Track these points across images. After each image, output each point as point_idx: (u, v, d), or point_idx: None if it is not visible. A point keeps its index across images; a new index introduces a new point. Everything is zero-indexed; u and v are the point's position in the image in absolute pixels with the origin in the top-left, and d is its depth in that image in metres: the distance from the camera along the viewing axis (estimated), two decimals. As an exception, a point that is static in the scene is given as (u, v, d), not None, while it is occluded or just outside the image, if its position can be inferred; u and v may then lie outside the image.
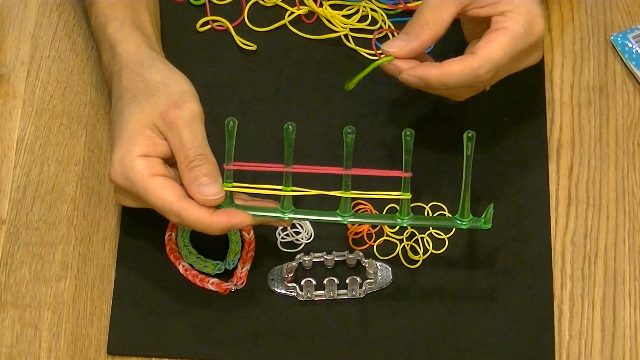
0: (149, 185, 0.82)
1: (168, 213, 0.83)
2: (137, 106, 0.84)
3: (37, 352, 0.90)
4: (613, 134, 0.98)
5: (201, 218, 0.82)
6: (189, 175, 0.83)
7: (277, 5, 1.02)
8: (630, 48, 1.00)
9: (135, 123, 0.84)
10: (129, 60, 0.88)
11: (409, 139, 0.83)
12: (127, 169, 0.83)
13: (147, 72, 0.87)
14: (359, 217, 0.87)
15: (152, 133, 0.84)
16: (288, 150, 0.84)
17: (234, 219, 0.83)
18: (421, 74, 0.85)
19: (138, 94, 0.85)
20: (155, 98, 0.85)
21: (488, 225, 0.85)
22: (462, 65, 0.84)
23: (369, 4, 1.02)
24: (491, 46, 0.84)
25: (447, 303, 0.91)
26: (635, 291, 0.92)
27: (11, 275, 0.93)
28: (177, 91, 0.86)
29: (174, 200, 0.82)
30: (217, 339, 0.90)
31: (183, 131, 0.84)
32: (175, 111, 0.84)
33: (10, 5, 1.02)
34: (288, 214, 0.85)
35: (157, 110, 0.84)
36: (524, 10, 0.85)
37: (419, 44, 0.86)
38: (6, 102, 0.99)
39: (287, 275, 0.91)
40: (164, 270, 0.92)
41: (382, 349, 0.90)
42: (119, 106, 0.86)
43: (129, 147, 0.83)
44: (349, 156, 0.84)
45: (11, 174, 0.96)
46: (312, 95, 0.99)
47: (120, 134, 0.84)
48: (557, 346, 0.90)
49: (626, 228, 0.94)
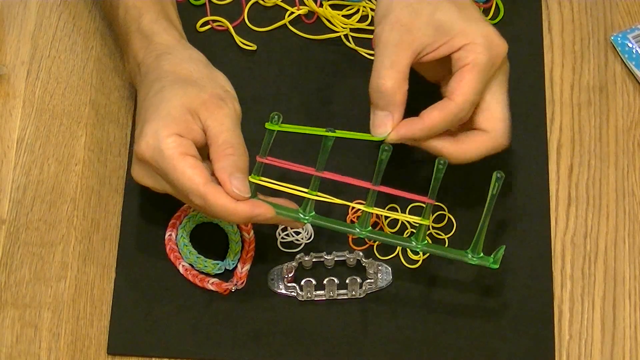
0: (179, 163, 0.81)
1: (193, 194, 0.81)
2: (180, 88, 0.84)
3: (37, 352, 0.91)
4: (613, 134, 0.98)
5: (226, 204, 0.81)
6: (224, 161, 0.82)
7: (277, 5, 1.02)
8: (630, 48, 1.00)
9: (176, 103, 0.83)
10: (171, 47, 0.88)
11: (442, 168, 0.83)
12: (161, 143, 0.81)
13: (193, 63, 0.87)
14: (376, 234, 0.87)
15: (191, 117, 0.83)
16: (322, 156, 0.84)
17: (258, 209, 0.82)
18: (405, 132, 0.84)
19: (182, 79, 0.85)
20: (200, 87, 0.84)
21: (496, 266, 0.85)
22: (443, 113, 0.84)
23: (369, 4, 1.02)
24: (463, 86, 0.83)
25: (447, 303, 0.91)
26: (635, 291, 0.92)
27: (11, 275, 0.93)
28: (221, 87, 0.86)
29: (201, 182, 0.81)
30: (217, 339, 0.90)
31: (225, 119, 0.83)
32: (219, 102, 0.84)
33: (10, 5, 1.03)
34: (308, 218, 0.85)
35: (201, 98, 0.84)
36: (480, 37, 0.84)
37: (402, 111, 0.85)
38: (6, 102, 0.99)
39: (287, 275, 0.91)
40: (164, 270, 0.92)
41: (382, 349, 0.90)
42: (157, 85, 0.85)
43: (166, 123, 0.82)
44: (380, 172, 0.84)
45: (11, 174, 0.96)
46: (312, 95, 0.99)
47: (157, 110, 0.83)
48: (557, 346, 0.90)
49: (626, 228, 0.95)
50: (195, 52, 0.89)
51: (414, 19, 0.84)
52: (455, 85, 0.84)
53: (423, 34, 0.84)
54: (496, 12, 1.02)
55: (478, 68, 0.83)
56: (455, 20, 0.84)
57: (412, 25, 0.84)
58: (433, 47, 0.85)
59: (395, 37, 0.84)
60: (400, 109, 0.85)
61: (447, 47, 0.84)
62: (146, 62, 0.88)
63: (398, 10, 0.85)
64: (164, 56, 0.87)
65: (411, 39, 0.84)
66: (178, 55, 0.88)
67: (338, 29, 1.01)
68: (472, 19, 0.85)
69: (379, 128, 0.85)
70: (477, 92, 0.84)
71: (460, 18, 0.84)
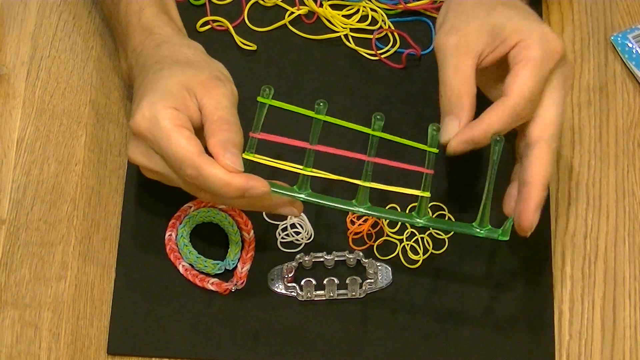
0: (174, 133, 0.81)
1: (186, 164, 0.81)
2: (179, 69, 0.84)
3: (37, 352, 0.91)
4: (613, 134, 0.98)
5: (220, 174, 0.80)
6: (219, 136, 0.82)
7: (277, 5, 1.02)
8: (630, 48, 1.00)
9: (174, 80, 0.83)
10: (170, 36, 0.89)
11: (435, 134, 0.83)
12: (158, 114, 0.81)
13: (192, 49, 0.88)
14: (375, 210, 0.85)
15: (188, 95, 0.83)
16: (315, 128, 0.84)
17: (252, 182, 0.81)
18: (467, 137, 0.83)
19: (181, 62, 0.86)
20: (198, 69, 0.85)
21: (505, 237, 0.84)
22: (500, 110, 0.82)
23: (369, 4, 1.02)
24: (518, 81, 0.82)
25: (447, 303, 0.91)
26: (635, 291, 0.92)
27: (11, 275, 0.93)
28: (219, 71, 0.86)
29: (195, 152, 0.81)
30: (217, 339, 0.90)
31: (222, 98, 0.84)
32: (217, 82, 0.84)
33: (10, 5, 1.03)
34: (303, 195, 0.85)
35: (199, 78, 0.84)
36: (535, 34, 0.83)
37: (470, 115, 0.83)
38: (6, 102, 0.99)
39: (287, 275, 0.91)
40: (164, 270, 0.92)
41: (382, 349, 0.90)
42: (156, 67, 0.85)
43: (164, 96, 0.82)
44: (374, 144, 0.84)
45: (11, 174, 0.96)
46: (312, 95, 0.99)
47: (155, 86, 0.83)
48: (557, 346, 0.90)
49: (626, 228, 0.95)
50: (194, 42, 0.90)
51: (468, 24, 0.84)
52: (510, 81, 0.83)
53: (479, 37, 0.84)
54: (496, 12, 1.02)
55: (533, 63, 0.82)
56: (509, 20, 0.84)
57: (468, 30, 0.84)
58: (491, 48, 0.84)
59: (453, 43, 0.84)
60: (468, 113, 0.83)
61: (503, 46, 0.84)
62: (145, 52, 0.89)
63: (453, 18, 0.85)
64: (163, 44, 0.88)
65: (468, 43, 0.84)
66: (177, 42, 0.89)
67: (338, 29, 1.01)
68: (526, 19, 0.85)
69: (447, 135, 0.83)
70: (533, 87, 0.82)
71: (514, 18, 0.84)
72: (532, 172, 0.82)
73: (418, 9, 1.01)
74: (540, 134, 0.83)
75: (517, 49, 0.83)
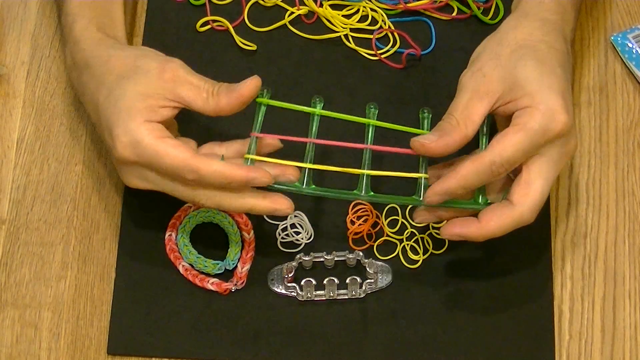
0: (160, 147, 0.81)
1: (184, 170, 0.81)
2: (127, 82, 0.84)
3: (37, 352, 0.91)
4: (613, 134, 0.98)
5: (220, 168, 0.81)
6: (220, 97, 0.84)
7: (277, 5, 1.02)
8: (630, 48, 1.00)
9: (131, 96, 0.83)
10: (94, 50, 0.88)
11: (427, 117, 0.85)
12: (135, 136, 0.81)
13: (119, 51, 0.87)
14: (379, 196, 0.86)
15: (153, 101, 0.83)
16: (312, 123, 0.86)
17: (255, 172, 0.82)
18: (440, 188, 0.83)
19: (121, 72, 0.85)
20: (142, 67, 0.84)
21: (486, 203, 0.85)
22: (475, 163, 0.82)
23: (369, 4, 1.02)
24: (503, 142, 0.82)
25: (447, 303, 0.91)
26: (635, 291, 0.92)
27: (11, 275, 0.93)
28: (156, 54, 0.87)
29: (188, 156, 0.81)
30: (217, 339, 0.90)
31: (190, 76, 0.84)
32: (170, 64, 0.84)
33: (10, 5, 1.03)
34: (306, 189, 0.85)
35: (153, 77, 0.84)
36: (544, 106, 0.82)
37: (451, 140, 0.83)
38: (6, 102, 0.99)
39: (287, 275, 0.91)
40: (164, 270, 0.92)
41: (382, 349, 0.90)
42: (103, 92, 0.85)
43: (130, 116, 0.82)
44: (370, 132, 0.85)
45: (11, 174, 0.96)
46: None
47: (117, 112, 0.83)
48: (557, 346, 0.90)
49: (626, 228, 0.95)
50: (111, 40, 0.89)
51: (495, 70, 0.84)
52: (497, 138, 0.83)
53: (498, 87, 0.84)
54: (496, 12, 1.02)
55: (525, 133, 0.82)
56: (529, 80, 0.83)
57: (492, 77, 0.84)
58: (504, 101, 0.84)
59: (474, 85, 0.84)
60: (453, 141, 0.83)
61: (513, 104, 0.83)
62: (78, 69, 0.88)
63: (484, 60, 0.85)
64: (91, 61, 0.87)
65: (487, 90, 0.84)
66: (102, 53, 0.87)
67: (338, 29, 1.01)
68: (546, 83, 0.83)
69: (423, 139, 0.83)
70: (515, 153, 0.82)
71: (536, 79, 0.83)
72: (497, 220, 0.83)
73: (418, 9, 1.01)
74: (520, 201, 0.83)
75: (521, 112, 0.83)
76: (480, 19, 1.01)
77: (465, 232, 0.84)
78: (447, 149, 0.83)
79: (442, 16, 1.02)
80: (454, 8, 1.02)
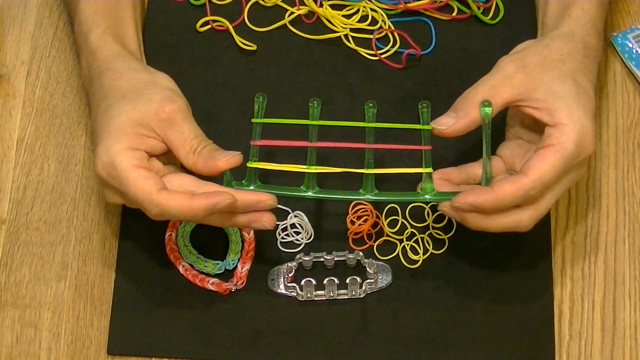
0: (131, 176, 0.82)
1: (148, 204, 0.82)
2: (127, 104, 0.84)
3: (37, 352, 0.91)
4: (613, 134, 0.98)
5: (181, 203, 0.81)
6: (200, 157, 0.83)
7: (277, 5, 1.02)
8: (630, 48, 1.00)
9: (125, 119, 0.83)
10: (111, 63, 0.88)
11: (426, 110, 0.84)
12: (113, 159, 0.82)
13: (133, 72, 0.87)
14: (382, 195, 0.86)
15: (144, 131, 0.83)
16: (312, 127, 0.85)
17: (213, 198, 0.82)
18: (473, 201, 0.82)
19: (126, 92, 0.85)
20: (147, 96, 0.85)
21: None
22: (515, 187, 0.82)
23: (369, 4, 1.02)
24: (543, 165, 0.82)
25: (447, 303, 0.91)
26: (635, 291, 0.92)
27: (11, 275, 0.93)
28: (166, 88, 0.86)
29: (153, 191, 0.81)
30: (217, 339, 0.90)
31: (184, 124, 0.84)
32: (172, 106, 0.84)
33: (10, 5, 1.03)
34: (311, 193, 0.85)
35: (152, 109, 0.84)
36: (578, 126, 0.82)
37: (468, 122, 0.83)
38: (6, 102, 0.99)
39: (287, 275, 0.91)
40: (164, 270, 0.92)
41: (382, 349, 0.90)
42: (103, 105, 0.85)
43: (117, 138, 0.83)
44: (371, 132, 0.85)
45: (11, 174, 0.96)
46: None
47: (107, 129, 0.83)
48: (557, 346, 0.90)
49: (626, 228, 0.95)
50: (134, 61, 0.89)
51: (536, 67, 0.84)
52: (536, 162, 0.82)
53: (533, 85, 0.84)
54: (496, 12, 1.02)
55: (562, 153, 0.82)
56: (568, 95, 0.83)
57: (531, 73, 0.84)
58: (535, 103, 0.84)
59: (511, 70, 0.84)
60: (468, 123, 0.83)
61: (546, 113, 0.83)
62: (91, 77, 0.89)
63: (531, 54, 0.85)
64: (105, 73, 0.87)
65: (521, 81, 0.84)
66: (117, 68, 0.87)
67: (338, 29, 1.01)
68: (582, 102, 0.83)
69: (437, 123, 0.84)
70: (553, 175, 0.82)
71: (573, 97, 0.83)
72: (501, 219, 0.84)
73: (418, 9, 1.01)
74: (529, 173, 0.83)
75: (556, 129, 0.82)
76: (480, 19, 1.01)
77: (480, 201, 0.82)
78: (462, 131, 0.84)
79: (442, 16, 1.02)
80: (454, 8, 1.02)
